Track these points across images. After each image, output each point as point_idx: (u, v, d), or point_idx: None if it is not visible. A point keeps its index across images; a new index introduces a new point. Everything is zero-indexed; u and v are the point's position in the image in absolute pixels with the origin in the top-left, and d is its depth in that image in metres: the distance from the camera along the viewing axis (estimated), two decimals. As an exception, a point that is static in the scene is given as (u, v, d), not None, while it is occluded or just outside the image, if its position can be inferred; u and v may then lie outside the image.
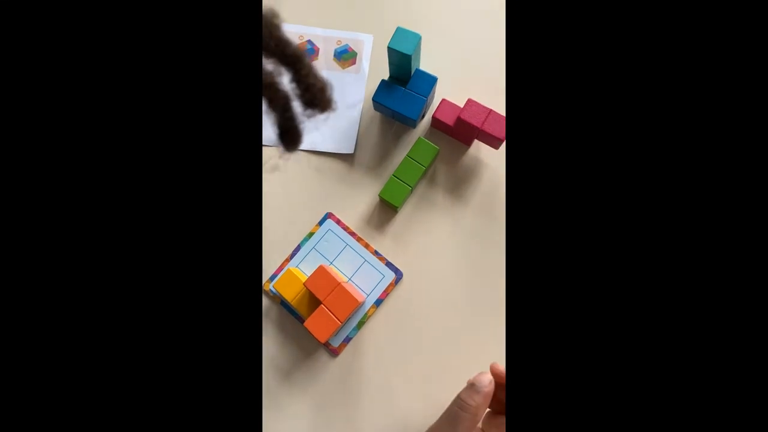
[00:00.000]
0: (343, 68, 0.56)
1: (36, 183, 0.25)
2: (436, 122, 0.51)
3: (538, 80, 0.26)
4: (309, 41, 0.56)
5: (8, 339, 0.24)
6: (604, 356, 0.24)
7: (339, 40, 0.56)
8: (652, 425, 0.23)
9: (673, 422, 0.23)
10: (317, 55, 0.56)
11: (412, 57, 0.46)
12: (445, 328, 0.49)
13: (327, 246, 0.51)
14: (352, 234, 0.51)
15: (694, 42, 0.24)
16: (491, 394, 0.37)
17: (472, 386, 0.37)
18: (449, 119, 0.50)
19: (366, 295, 0.49)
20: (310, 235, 0.51)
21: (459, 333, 0.49)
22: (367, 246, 0.50)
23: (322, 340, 0.44)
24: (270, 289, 0.49)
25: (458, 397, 0.37)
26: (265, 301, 0.50)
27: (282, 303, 0.49)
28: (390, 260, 0.50)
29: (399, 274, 0.50)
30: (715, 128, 0.24)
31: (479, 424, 0.38)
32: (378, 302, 0.49)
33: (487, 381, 0.37)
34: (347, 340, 0.48)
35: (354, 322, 0.49)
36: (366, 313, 0.49)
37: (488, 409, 0.39)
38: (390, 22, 0.54)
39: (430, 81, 0.50)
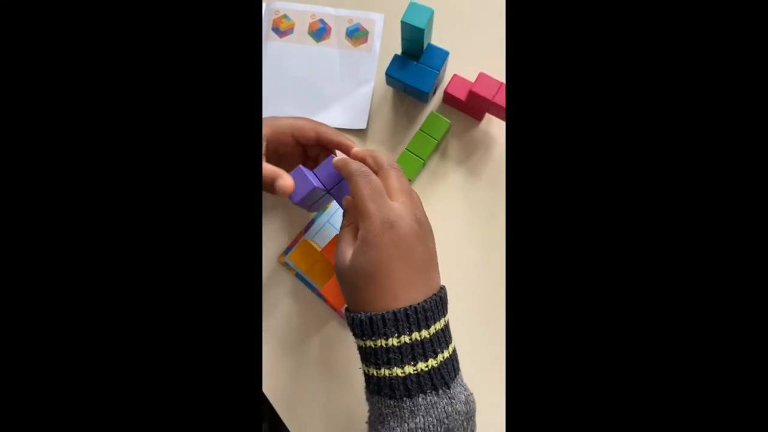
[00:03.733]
0: (355, 46, 0.56)
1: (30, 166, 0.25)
2: (447, 97, 0.52)
3: (540, 59, 0.26)
4: (321, 20, 0.57)
5: (9, 338, 0.24)
6: (606, 339, 0.24)
7: (350, 19, 0.57)
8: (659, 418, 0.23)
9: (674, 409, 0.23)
10: (329, 34, 0.57)
11: (425, 31, 0.47)
12: (456, 298, 0.50)
13: (341, 220, 0.51)
14: (366, 208, 0.52)
15: (695, 30, 0.24)
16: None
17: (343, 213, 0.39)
18: (461, 93, 0.50)
19: (380, 267, 0.50)
20: (325, 209, 0.52)
21: (469, 304, 0.50)
22: (380, 219, 0.51)
23: (339, 307, 0.44)
24: (285, 261, 0.50)
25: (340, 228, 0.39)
26: (280, 274, 0.51)
27: (297, 275, 0.50)
28: (403, 233, 0.51)
29: (412, 247, 0.50)
30: (720, 111, 0.24)
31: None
32: (391, 274, 0.50)
33: (348, 200, 0.39)
34: (362, 310, 0.49)
35: (368, 293, 0.49)
36: (380, 284, 0.49)
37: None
38: (400, 0, 0.55)
39: (442, 55, 0.50)
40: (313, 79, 0.56)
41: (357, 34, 0.57)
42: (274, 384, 0.48)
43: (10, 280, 0.24)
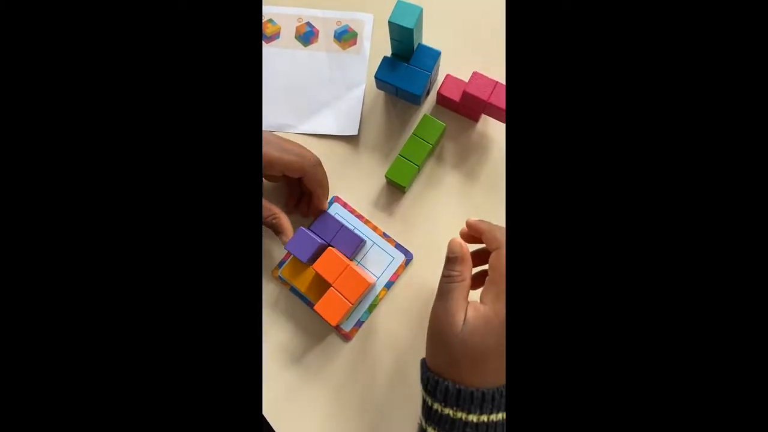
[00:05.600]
0: (344, 49, 0.54)
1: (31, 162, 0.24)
2: (441, 99, 0.50)
3: (539, 55, 0.25)
4: (308, 23, 0.55)
5: (8, 338, 0.23)
6: (607, 341, 0.24)
7: (338, 21, 0.55)
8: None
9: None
10: (317, 37, 0.55)
11: (414, 31, 0.45)
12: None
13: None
14: (360, 217, 0.50)
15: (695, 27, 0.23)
16: (468, 256, 0.37)
17: (447, 258, 0.37)
18: (455, 94, 0.48)
19: (376, 278, 0.48)
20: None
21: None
22: (375, 228, 0.49)
23: (333, 323, 0.43)
24: (278, 276, 0.48)
25: (442, 274, 0.37)
26: (274, 288, 0.49)
27: (292, 289, 0.49)
28: (399, 242, 0.49)
29: (409, 256, 0.48)
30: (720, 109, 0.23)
31: (480, 295, 0.36)
32: (389, 285, 0.48)
33: (457, 246, 0.37)
34: (359, 324, 0.47)
35: (365, 306, 0.47)
36: (377, 296, 0.48)
37: (487, 278, 0.36)
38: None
39: (434, 55, 0.48)
40: (303, 85, 0.54)
41: (345, 36, 0.55)
42: (271, 399, 0.47)
43: (8, 281, 0.24)
